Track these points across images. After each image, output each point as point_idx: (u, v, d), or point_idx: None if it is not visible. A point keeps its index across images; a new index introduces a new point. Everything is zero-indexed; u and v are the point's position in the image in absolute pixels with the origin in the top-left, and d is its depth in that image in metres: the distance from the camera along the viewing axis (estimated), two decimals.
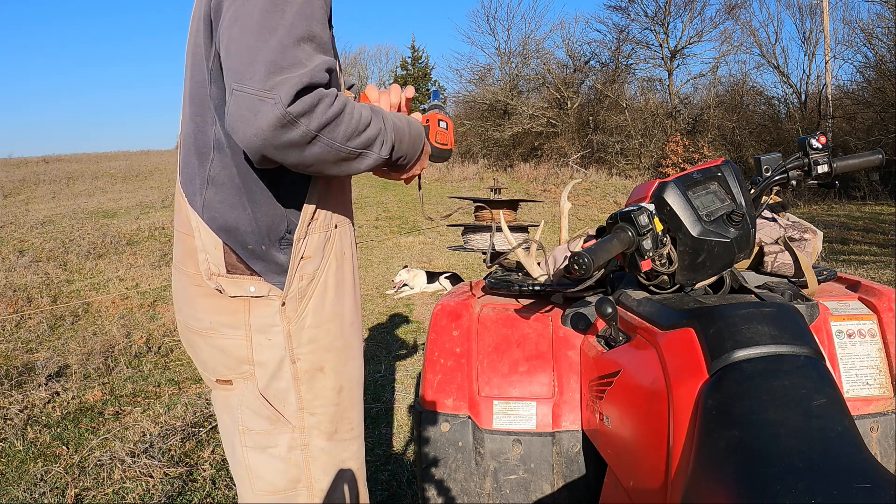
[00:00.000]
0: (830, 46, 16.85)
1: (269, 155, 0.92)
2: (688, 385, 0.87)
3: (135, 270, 6.88)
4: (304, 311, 1.12)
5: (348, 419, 1.20)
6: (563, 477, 1.25)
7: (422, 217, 10.92)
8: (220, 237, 1.07)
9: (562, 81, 21.67)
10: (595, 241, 1.06)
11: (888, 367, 1.21)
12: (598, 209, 12.42)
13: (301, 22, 0.91)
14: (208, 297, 1.10)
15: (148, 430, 2.86)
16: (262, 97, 0.86)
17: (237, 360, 1.12)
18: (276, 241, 1.08)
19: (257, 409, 1.14)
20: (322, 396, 1.16)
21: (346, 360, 1.19)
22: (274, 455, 1.15)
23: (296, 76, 0.87)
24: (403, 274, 6.07)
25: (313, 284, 1.12)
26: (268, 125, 0.87)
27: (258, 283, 1.09)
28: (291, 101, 0.86)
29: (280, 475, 1.16)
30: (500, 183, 1.82)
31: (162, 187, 13.78)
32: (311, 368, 1.14)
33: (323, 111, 0.90)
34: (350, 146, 0.95)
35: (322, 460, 1.17)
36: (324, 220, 1.13)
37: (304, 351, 1.13)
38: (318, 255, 1.12)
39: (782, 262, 1.31)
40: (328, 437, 1.17)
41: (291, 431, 1.15)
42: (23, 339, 4.51)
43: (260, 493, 1.19)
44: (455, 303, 1.38)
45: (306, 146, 0.91)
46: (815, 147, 1.28)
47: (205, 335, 1.13)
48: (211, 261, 1.08)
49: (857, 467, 0.67)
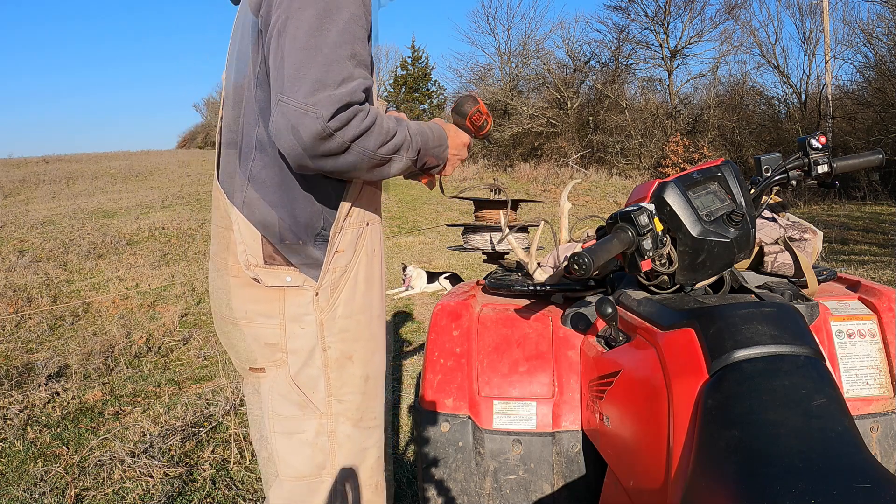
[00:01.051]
0: (830, 46, 16.85)
1: (308, 164, 1.01)
2: (688, 385, 0.87)
3: (135, 270, 6.88)
4: (335, 302, 1.18)
5: (372, 408, 1.26)
6: (563, 477, 1.25)
7: (423, 217, 10.93)
8: (258, 231, 1.15)
9: (562, 81, 21.67)
10: (595, 241, 1.06)
11: (888, 367, 1.21)
12: (598, 209, 12.42)
13: (345, 41, 1.00)
14: (245, 288, 1.17)
15: (148, 430, 2.86)
16: (305, 111, 0.96)
17: (271, 348, 1.19)
18: (312, 237, 1.16)
19: (287, 395, 1.19)
20: (350, 384, 1.21)
21: (374, 351, 1.25)
22: (302, 440, 1.21)
23: (336, 94, 0.97)
24: (411, 271, 6.07)
25: (345, 277, 1.19)
26: (309, 137, 0.97)
27: (294, 274, 1.16)
28: (331, 116, 0.96)
29: (307, 460, 1.21)
30: (500, 183, 1.82)
31: (162, 187, 13.78)
32: (341, 357, 1.20)
33: (357, 124, 0.99)
34: (381, 153, 1.05)
35: (347, 447, 1.22)
36: (357, 217, 1.20)
37: (335, 340, 1.19)
38: (350, 249, 1.20)
39: (782, 262, 1.31)
40: (354, 424, 1.22)
41: (319, 418, 1.20)
42: (23, 339, 4.51)
43: (286, 479, 1.22)
44: (455, 303, 1.38)
45: (341, 155, 1.01)
46: (815, 147, 1.28)
47: (240, 324, 1.20)
48: (249, 252, 1.16)
49: (857, 467, 0.67)
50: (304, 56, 0.98)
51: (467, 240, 1.75)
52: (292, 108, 0.97)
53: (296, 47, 0.99)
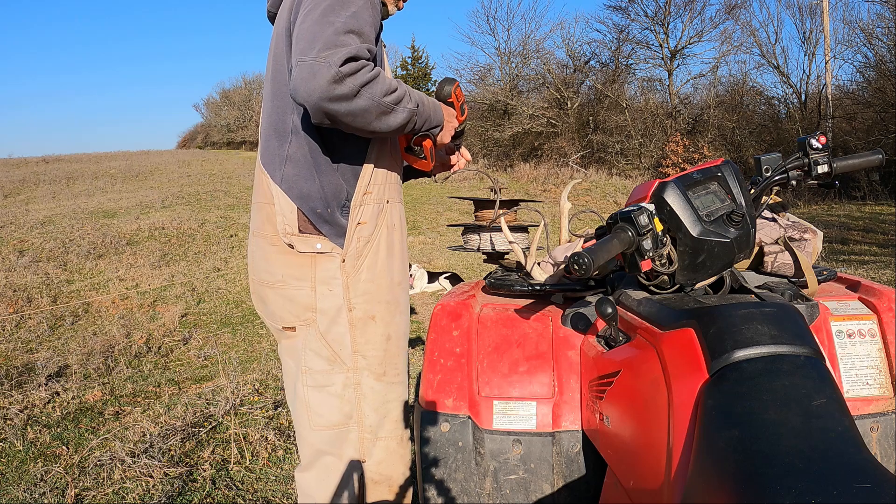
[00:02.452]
0: (830, 46, 16.84)
1: (324, 107, 1.15)
2: (688, 385, 0.87)
3: (135, 270, 6.88)
4: (360, 268, 1.36)
5: (394, 364, 1.42)
6: (563, 477, 1.25)
7: (423, 217, 10.93)
8: (295, 203, 1.34)
9: (562, 81, 21.66)
10: (595, 241, 1.06)
11: (888, 367, 1.21)
12: (598, 209, 12.41)
13: (353, 21, 1.19)
14: (282, 255, 1.36)
15: (148, 430, 2.86)
16: (320, 63, 1.13)
17: (303, 308, 1.36)
18: (338, 207, 1.34)
19: (318, 351, 1.36)
20: (372, 342, 1.37)
21: (395, 313, 1.42)
22: (331, 393, 1.37)
23: (345, 49, 1.14)
24: (415, 270, 6.06)
25: (368, 246, 1.37)
26: (324, 81, 1.12)
27: (324, 242, 1.34)
28: (342, 63, 1.13)
29: (335, 410, 1.37)
30: (500, 183, 1.82)
31: (162, 187, 13.78)
32: (364, 316, 1.36)
33: (365, 73, 1.16)
34: (387, 101, 1.20)
35: (371, 398, 1.38)
36: (376, 194, 1.38)
37: (359, 301, 1.36)
38: (372, 222, 1.38)
39: (782, 262, 1.31)
40: (377, 378, 1.38)
41: (346, 371, 1.36)
42: (23, 339, 4.51)
43: (317, 428, 1.38)
44: (455, 303, 1.38)
45: (353, 98, 1.15)
46: (815, 147, 1.28)
47: (276, 287, 1.37)
48: (286, 222, 1.34)
49: (857, 467, 0.67)
50: (318, 28, 1.16)
51: (467, 240, 1.75)
52: (307, 63, 1.14)
53: (311, 23, 1.18)
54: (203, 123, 39.86)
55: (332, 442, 1.37)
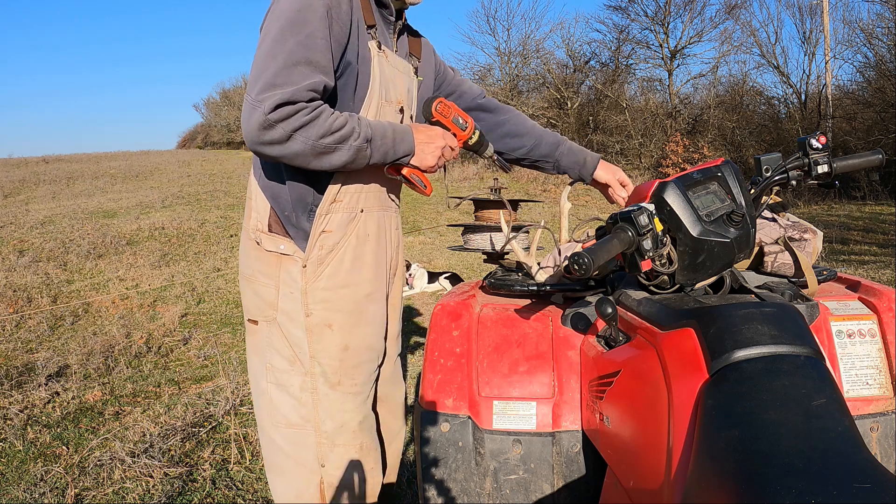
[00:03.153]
0: (830, 46, 16.84)
1: (257, 149, 1.19)
2: (688, 385, 0.87)
3: (135, 270, 6.88)
4: (320, 275, 1.35)
5: (351, 375, 1.40)
6: (563, 477, 1.25)
7: (423, 217, 10.93)
8: (269, 202, 1.36)
9: (562, 81, 21.66)
10: (595, 241, 1.06)
11: (888, 367, 1.21)
12: (598, 209, 12.41)
13: (300, 50, 1.18)
14: (255, 250, 1.39)
15: (148, 430, 2.86)
16: (254, 106, 1.15)
17: (266, 304, 1.38)
18: (303, 212, 1.34)
19: (280, 350, 1.38)
20: (327, 350, 1.37)
21: (357, 324, 1.40)
22: (290, 393, 1.37)
23: (279, 93, 1.14)
24: (415, 269, 6.06)
25: (332, 255, 1.36)
26: (255, 125, 1.15)
27: (287, 244, 1.35)
28: (272, 110, 1.14)
29: (294, 411, 1.38)
30: (500, 183, 1.82)
31: (162, 187, 13.78)
32: (321, 323, 1.36)
33: (299, 118, 1.16)
34: (325, 142, 1.20)
35: (326, 405, 1.37)
36: (348, 202, 1.36)
37: (317, 308, 1.36)
38: (339, 231, 1.36)
39: (782, 262, 1.31)
40: (332, 387, 1.37)
41: (304, 375, 1.37)
42: (23, 339, 4.51)
43: (277, 425, 1.39)
44: (455, 303, 1.38)
45: (286, 142, 1.17)
46: (815, 147, 1.28)
47: (249, 279, 1.41)
48: (259, 219, 1.38)
49: (857, 467, 0.67)
50: (264, 62, 1.17)
51: (467, 240, 1.75)
52: (248, 103, 1.16)
53: (260, 54, 1.19)
54: (203, 123, 39.87)
55: (292, 442, 1.38)
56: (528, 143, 1.76)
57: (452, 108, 1.41)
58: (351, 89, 1.33)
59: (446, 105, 1.40)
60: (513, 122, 1.76)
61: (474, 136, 1.45)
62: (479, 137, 1.47)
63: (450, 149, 1.40)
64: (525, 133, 1.76)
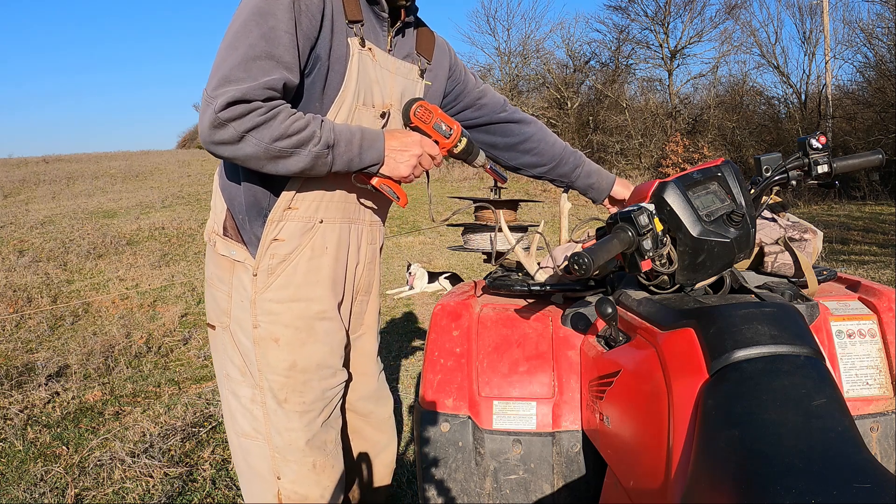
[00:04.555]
0: (830, 46, 16.84)
1: (209, 149, 1.13)
2: (688, 385, 0.87)
3: (135, 270, 6.88)
4: (269, 285, 1.28)
5: (300, 393, 1.32)
6: (563, 477, 1.25)
7: (423, 217, 10.92)
8: (226, 204, 1.30)
9: (562, 81, 21.66)
10: (595, 241, 1.06)
11: (888, 367, 1.21)
12: (598, 210, 12.40)
13: (261, 43, 1.10)
14: (212, 253, 1.34)
15: (148, 430, 2.86)
16: (208, 102, 1.08)
17: (221, 311, 1.34)
18: (257, 217, 1.27)
19: (233, 359, 1.33)
20: (273, 365, 1.30)
21: (306, 342, 1.31)
22: (242, 404, 1.34)
23: (232, 90, 1.07)
24: (415, 269, 6.06)
25: (283, 265, 1.28)
26: (207, 124, 1.09)
27: (240, 250, 1.29)
28: (223, 108, 1.07)
29: (247, 422, 1.34)
30: (500, 183, 1.81)
31: (162, 187, 13.78)
32: (268, 337, 1.29)
33: (252, 117, 1.09)
34: (280, 146, 1.12)
35: (275, 421, 1.32)
36: (305, 211, 1.27)
37: (264, 320, 1.29)
38: (293, 241, 1.27)
39: (782, 262, 1.31)
40: (279, 404, 1.32)
41: (253, 387, 1.32)
42: (23, 339, 4.51)
43: (236, 434, 1.36)
44: (455, 303, 1.38)
45: (238, 143, 1.10)
46: (815, 147, 1.28)
47: (208, 283, 1.37)
48: (216, 220, 1.32)
49: (857, 467, 0.67)
50: (223, 55, 1.11)
51: (467, 240, 1.75)
52: (203, 98, 1.10)
53: (222, 46, 1.12)
54: None
55: (247, 451, 1.34)
56: (549, 163, 1.68)
57: (434, 113, 1.30)
58: (319, 88, 1.23)
59: (427, 109, 1.30)
60: (537, 139, 1.66)
61: (460, 144, 1.33)
62: (467, 145, 1.35)
63: (428, 157, 1.30)
64: (547, 152, 1.67)
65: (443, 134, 1.31)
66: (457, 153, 1.36)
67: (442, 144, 1.32)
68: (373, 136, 1.24)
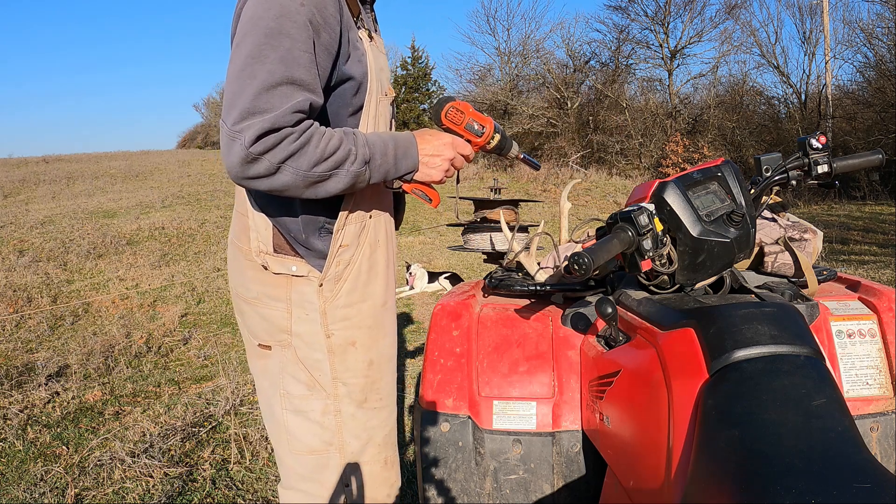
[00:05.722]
0: (830, 46, 16.85)
1: (243, 184, 1.08)
2: (688, 385, 0.87)
3: (135, 270, 6.88)
4: (338, 293, 1.25)
5: (377, 390, 1.32)
6: (563, 477, 1.25)
7: (423, 217, 10.93)
8: (271, 222, 1.23)
9: (562, 81, 21.67)
10: (595, 241, 1.06)
11: (888, 367, 1.21)
12: (598, 209, 12.42)
13: (280, 68, 1.03)
14: (257, 271, 1.26)
15: (148, 430, 2.86)
16: (233, 137, 1.02)
17: (278, 329, 1.27)
18: (315, 231, 1.22)
19: (296, 375, 1.27)
20: (353, 369, 1.28)
21: (378, 338, 1.32)
22: (310, 418, 1.28)
23: (259, 121, 1.01)
24: (415, 269, 6.06)
25: (349, 269, 1.26)
26: (237, 160, 1.02)
27: (300, 264, 1.23)
28: (253, 142, 1.01)
29: (315, 437, 1.29)
30: (500, 183, 1.82)
31: (162, 187, 13.78)
32: (344, 343, 1.27)
33: (286, 146, 1.03)
34: (318, 171, 1.07)
35: (352, 426, 1.29)
36: (360, 212, 1.26)
37: (338, 327, 1.26)
38: (354, 243, 1.26)
39: (782, 262, 1.31)
40: (358, 405, 1.29)
41: (325, 398, 1.27)
42: (23, 339, 4.51)
43: (296, 453, 1.30)
44: (455, 303, 1.38)
45: (274, 175, 1.05)
46: (815, 147, 1.28)
47: (252, 303, 1.29)
48: (261, 240, 1.24)
49: (857, 467, 0.67)
50: (239, 84, 1.03)
51: (467, 240, 1.75)
52: (225, 133, 1.03)
53: (234, 73, 1.04)
54: (203, 123, 39.91)
55: (312, 468, 1.30)
56: None
57: (466, 113, 1.26)
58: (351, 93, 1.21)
59: (458, 111, 1.25)
60: None
61: (493, 140, 1.30)
62: (501, 140, 1.31)
63: (461, 158, 1.28)
64: None
65: (475, 133, 1.27)
66: (490, 149, 1.33)
67: (474, 143, 1.29)
68: (406, 144, 1.20)
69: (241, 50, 1.05)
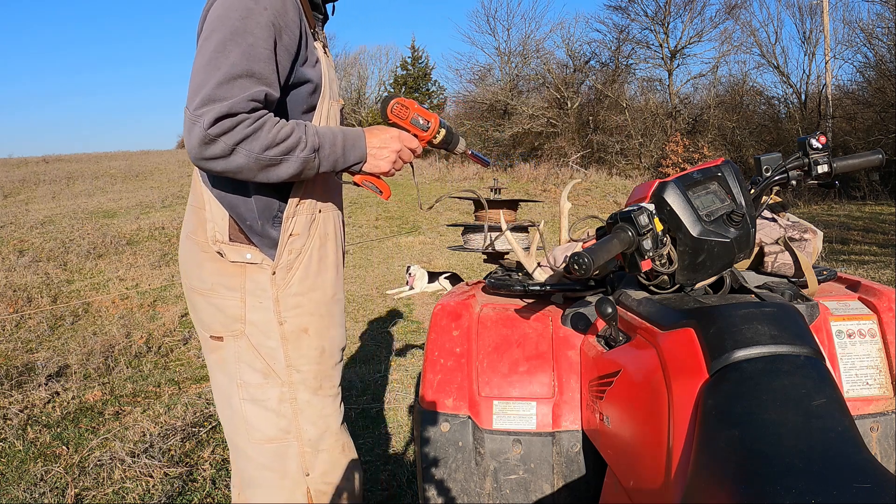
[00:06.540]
0: (830, 46, 16.85)
1: (201, 165, 1.16)
2: (688, 385, 0.87)
3: (135, 270, 6.88)
4: (290, 281, 1.31)
5: (330, 377, 1.38)
6: (563, 477, 1.25)
7: (423, 217, 10.93)
8: (226, 211, 1.29)
9: (562, 81, 21.68)
10: (595, 241, 1.06)
11: (888, 367, 1.21)
12: (598, 209, 12.42)
13: (242, 62, 1.13)
14: (213, 262, 1.31)
15: (148, 430, 2.86)
16: (194, 121, 1.11)
17: (231, 319, 1.31)
18: (269, 219, 1.29)
19: (252, 364, 1.32)
20: (306, 356, 1.34)
21: (329, 326, 1.38)
22: (267, 407, 1.33)
23: (217, 106, 1.10)
24: (415, 269, 6.06)
25: (300, 259, 1.32)
26: (196, 141, 1.11)
27: (254, 252, 1.30)
28: (211, 124, 1.10)
29: (272, 426, 1.33)
30: (500, 183, 1.82)
31: (162, 187, 13.78)
32: (297, 330, 1.32)
33: (241, 129, 1.12)
34: (270, 154, 1.15)
35: (308, 413, 1.34)
36: (309, 204, 1.32)
37: (291, 314, 1.32)
38: (304, 233, 1.32)
39: (782, 262, 1.31)
40: (313, 392, 1.35)
41: (281, 386, 1.32)
42: (23, 339, 4.51)
43: (255, 442, 1.34)
44: (455, 303, 1.38)
45: (229, 157, 1.13)
46: (815, 147, 1.28)
47: (206, 295, 1.33)
48: (217, 229, 1.30)
49: (857, 467, 0.67)
50: (204, 74, 1.13)
51: (467, 240, 1.75)
52: (187, 118, 1.12)
53: (201, 65, 1.14)
54: None
55: (272, 457, 1.34)
56: None
57: (411, 108, 1.32)
58: (307, 92, 1.29)
59: (403, 106, 1.32)
60: None
61: (438, 136, 1.36)
62: (446, 136, 1.37)
63: (408, 151, 1.34)
64: None
65: (420, 128, 1.33)
66: (436, 144, 1.38)
67: (421, 137, 1.35)
68: (354, 136, 1.28)
69: (208, 45, 1.15)
